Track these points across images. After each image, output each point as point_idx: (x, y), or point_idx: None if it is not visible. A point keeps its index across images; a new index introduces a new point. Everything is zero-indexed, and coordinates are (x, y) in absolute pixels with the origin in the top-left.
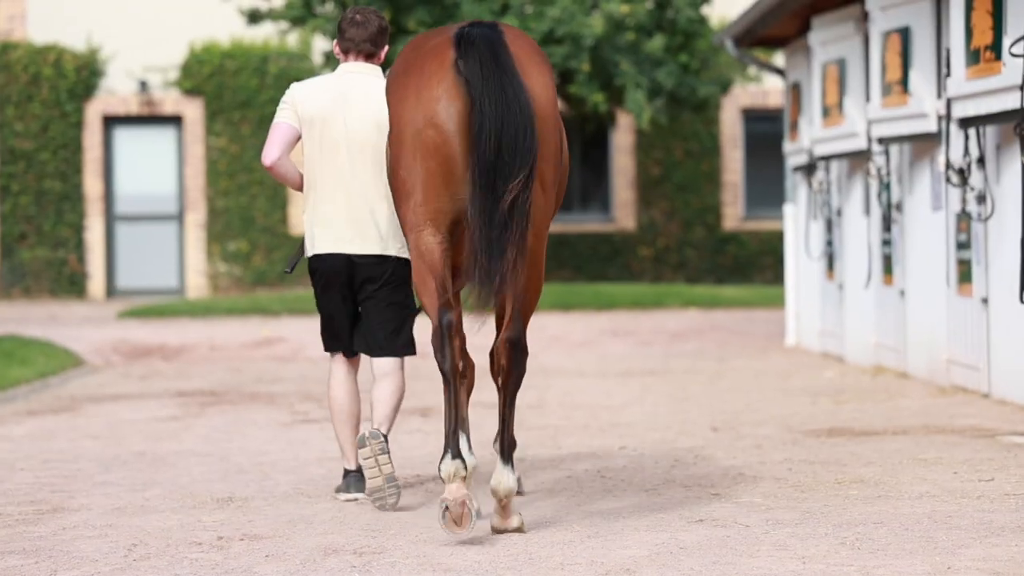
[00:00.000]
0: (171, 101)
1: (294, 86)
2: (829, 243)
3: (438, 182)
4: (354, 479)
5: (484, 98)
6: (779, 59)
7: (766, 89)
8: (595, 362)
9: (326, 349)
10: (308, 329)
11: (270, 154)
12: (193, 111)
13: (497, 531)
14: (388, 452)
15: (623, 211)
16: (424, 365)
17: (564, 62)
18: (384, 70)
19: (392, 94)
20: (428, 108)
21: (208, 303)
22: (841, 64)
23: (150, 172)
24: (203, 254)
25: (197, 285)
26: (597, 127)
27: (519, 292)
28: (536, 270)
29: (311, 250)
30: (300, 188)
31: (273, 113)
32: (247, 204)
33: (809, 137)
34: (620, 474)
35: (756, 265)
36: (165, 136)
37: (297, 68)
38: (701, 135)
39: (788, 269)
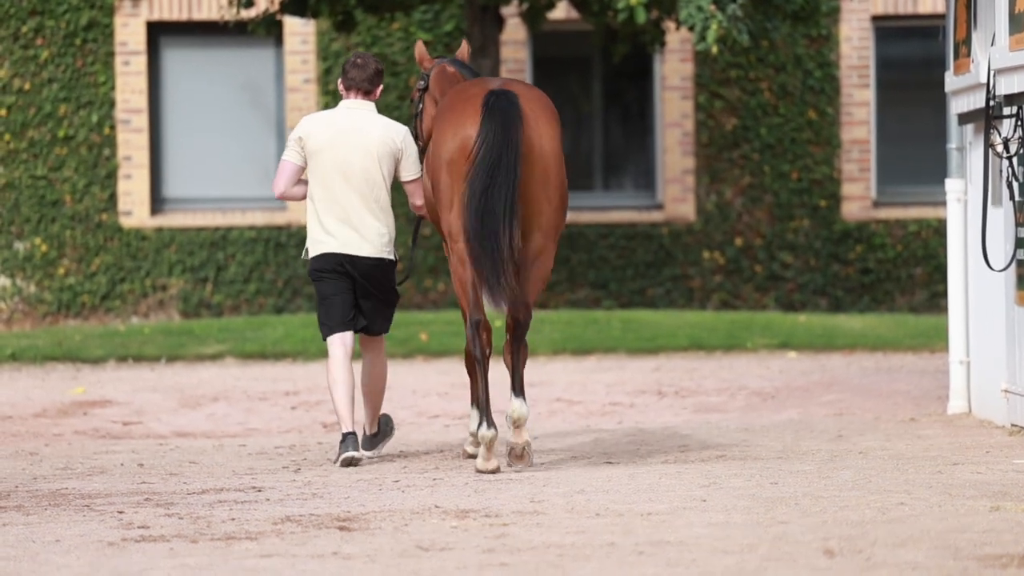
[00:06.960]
0: None
1: (304, 121)
2: (1023, 243)
3: None
4: (352, 440)
5: (483, 160)
6: None
7: None
8: (628, 440)
9: (325, 335)
10: (151, 385)
11: (278, 188)
12: None
13: (512, 446)
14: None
15: (675, 190)
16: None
17: None
18: (377, 108)
19: (437, 124)
20: (462, 143)
21: None
22: None
23: None
24: None
25: None
26: (632, 51)
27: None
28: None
29: (315, 252)
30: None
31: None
32: (46, 176)
33: (989, 65)
34: None
35: (897, 279)
36: None
37: None
38: (806, 63)
39: (953, 287)
